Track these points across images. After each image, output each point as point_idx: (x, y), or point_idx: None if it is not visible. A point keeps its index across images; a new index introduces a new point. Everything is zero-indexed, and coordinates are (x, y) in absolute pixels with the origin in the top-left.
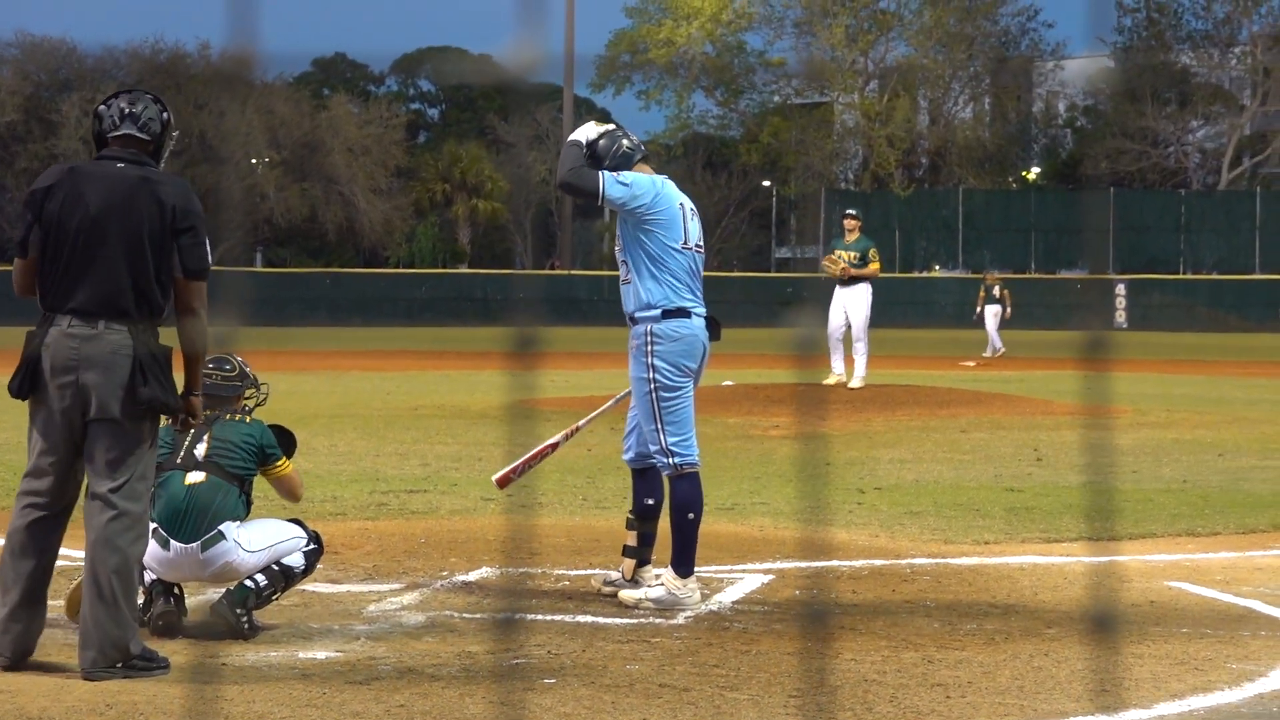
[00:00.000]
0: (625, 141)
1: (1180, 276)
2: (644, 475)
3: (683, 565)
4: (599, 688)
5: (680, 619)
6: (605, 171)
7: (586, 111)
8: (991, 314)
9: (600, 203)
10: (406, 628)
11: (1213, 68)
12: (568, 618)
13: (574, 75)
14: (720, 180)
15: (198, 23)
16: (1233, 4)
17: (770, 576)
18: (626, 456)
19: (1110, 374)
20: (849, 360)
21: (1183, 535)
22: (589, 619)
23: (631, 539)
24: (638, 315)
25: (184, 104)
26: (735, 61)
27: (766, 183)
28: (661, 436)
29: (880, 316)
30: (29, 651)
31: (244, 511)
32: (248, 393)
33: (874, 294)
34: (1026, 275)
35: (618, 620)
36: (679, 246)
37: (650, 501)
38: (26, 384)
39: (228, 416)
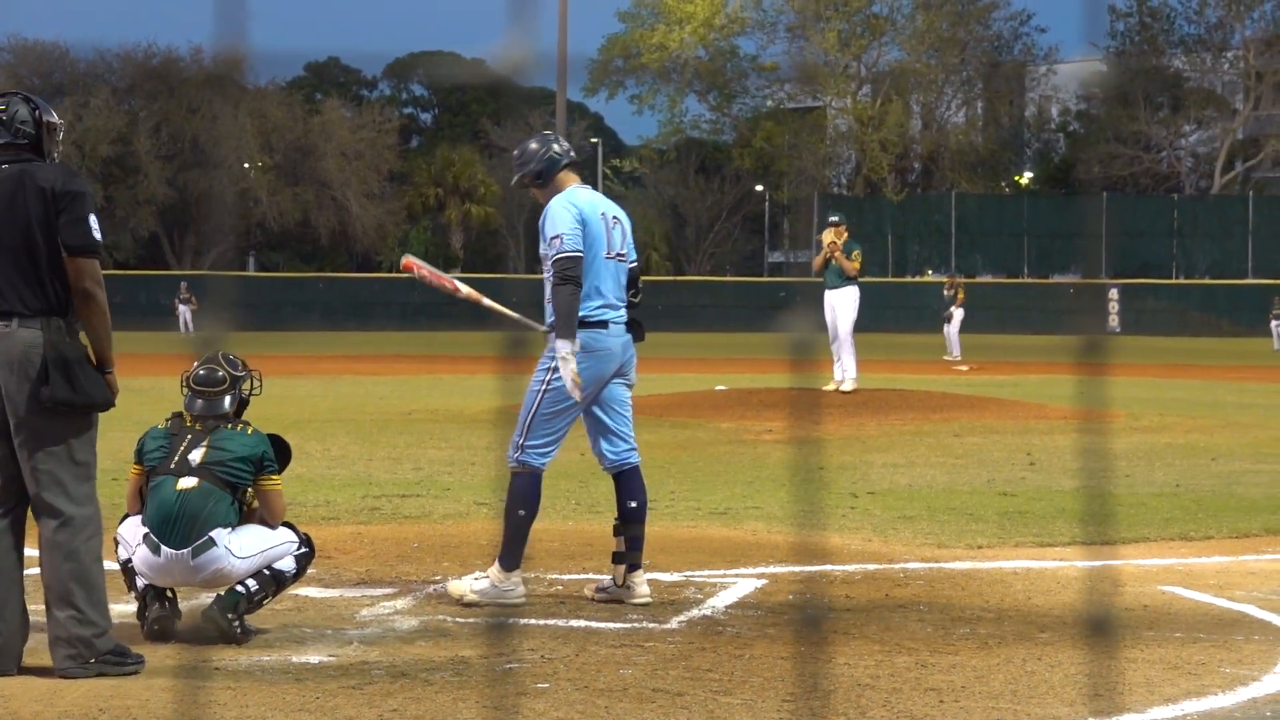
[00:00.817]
0: (556, 147)
1: (1173, 281)
2: (623, 478)
3: (508, 559)
4: (592, 692)
5: (673, 623)
6: (556, 264)
7: (580, 116)
8: (958, 316)
9: (577, 276)
10: (399, 632)
11: (1205, 72)
12: (561, 622)
13: (567, 79)
14: (713, 185)
15: (190, 26)
16: (1225, 8)
17: (764, 581)
18: (603, 465)
19: (1104, 378)
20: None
21: (1176, 539)
22: (582, 623)
23: (620, 545)
24: (554, 326)
25: (176, 108)
26: (728, 66)
27: (759, 187)
28: (523, 434)
29: (874, 321)
30: (13, 664)
31: (236, 519)
32: (243, 387)
33: (863, 298)
34: (1019, 280)
35: (611, 625)
36: (604, 256)
37: (634, 504)
38: None
39: (228, 426)
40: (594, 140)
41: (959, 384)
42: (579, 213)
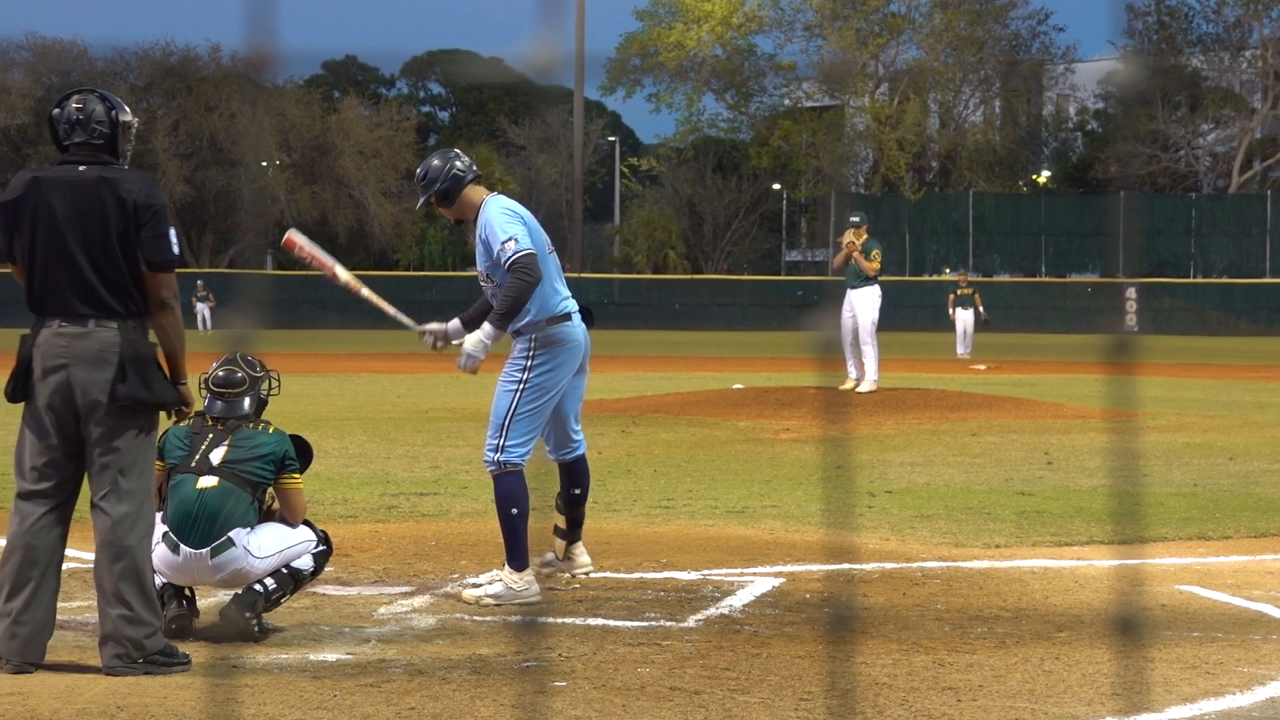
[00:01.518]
0: (459, 164)
1: (1191, 280)
2: (570, 467)
3: (516, 559)
4: (609, 690)
5: (691, 622)
6: (515, 263)
7: (597, 114)
8: (963, 317)
9: (537, 274)
10: (417, 630)
11: (1223, 71)
12: (578, 620)
13: (584, 78)
14: (730, 183)
15: (208, 25)
16: (1243, 8)
17: (781, 580)
18: (550, 456)
19: (1128, 377)
20: (859, 364)
21: (1193, 539)
22: (599, 622)
23: (561, 521)
24: (523, 327)
25: (194, 106)
26: (745, 65)
27: (777, 186)
28: (502, 433)
29: (891, 320)
30: (38, 656)
31: (255, 518)
32: (262, 388)
33: (883, 297)
34: (1037, 279)
35: (628, 623)
36: (546, 253)
37: (578, 491)
38: (20, 386)
39: (250, 425)
40: (611, 139)
41: (976, 383)
42: (520, 217)
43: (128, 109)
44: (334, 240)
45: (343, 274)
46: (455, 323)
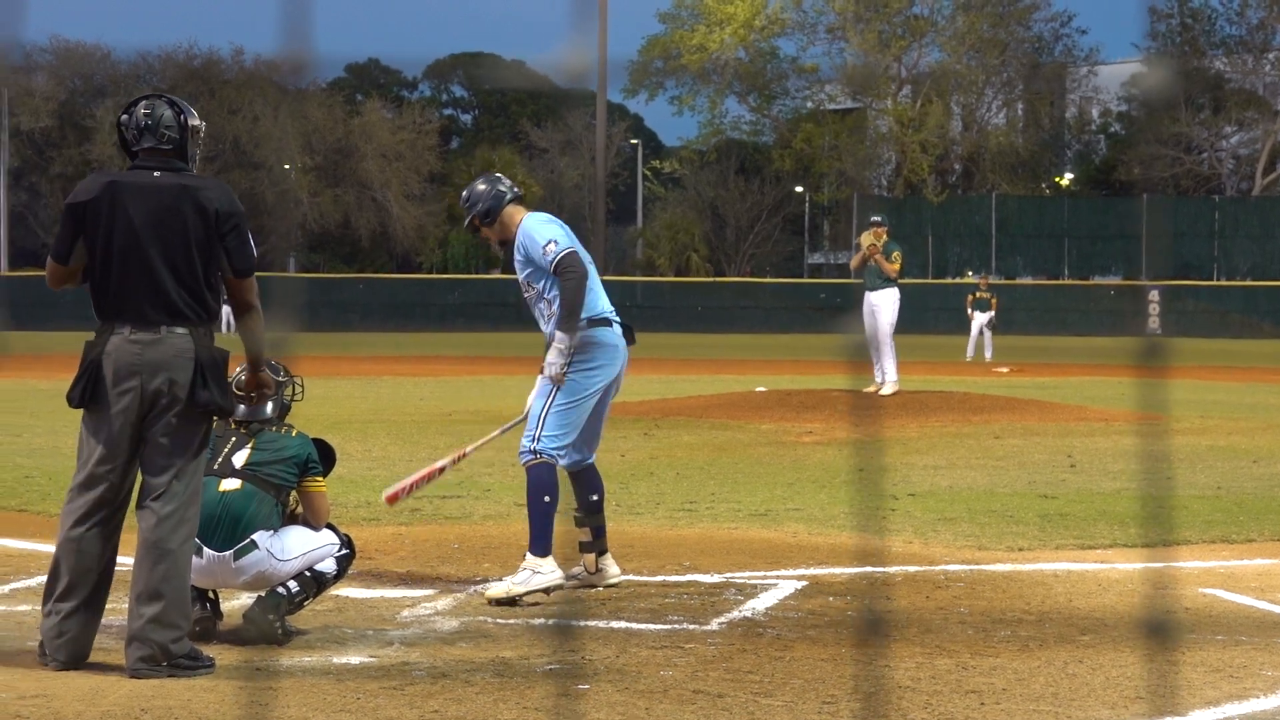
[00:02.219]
0: (500, 186)
1: (1214, 283)
2: (582, 475)
3: (539, 545)
4: (633, 693)
5: (714, 625)
6: (560, 263)
7: (620, 117)
8: (980, 320)
9: (582, 270)
10: (440, 633)
11: (1246, 74)
12: (601, 624)
13: (607, 81)
14: (753, 186)
15: (232, 28)
16: (1267, 10)
17: (804, 583)
18: (563, 462)
19: (1153, 380)
20: (881, 367)
21: (1217, 542)
22: (623, 624)
23: (585, 534)
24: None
25: (217, 109)
26: (768, 67)
27: (799, 189)
28: (539, 425)
29: (914, 323)
30: (83, 656)
31: (278, 521)
32: (285, 393)
33: (903, 300)
34: (1060, 281)
35: (651, 626)
36: (591, 263)
37: (595, 497)
38: (88, 392)
39: (272, 429)
40: (634, 141)
41: (999, 386)
42: (556, 221)
43: (195, 113)
44: (356, 243)
45: (445, 460)
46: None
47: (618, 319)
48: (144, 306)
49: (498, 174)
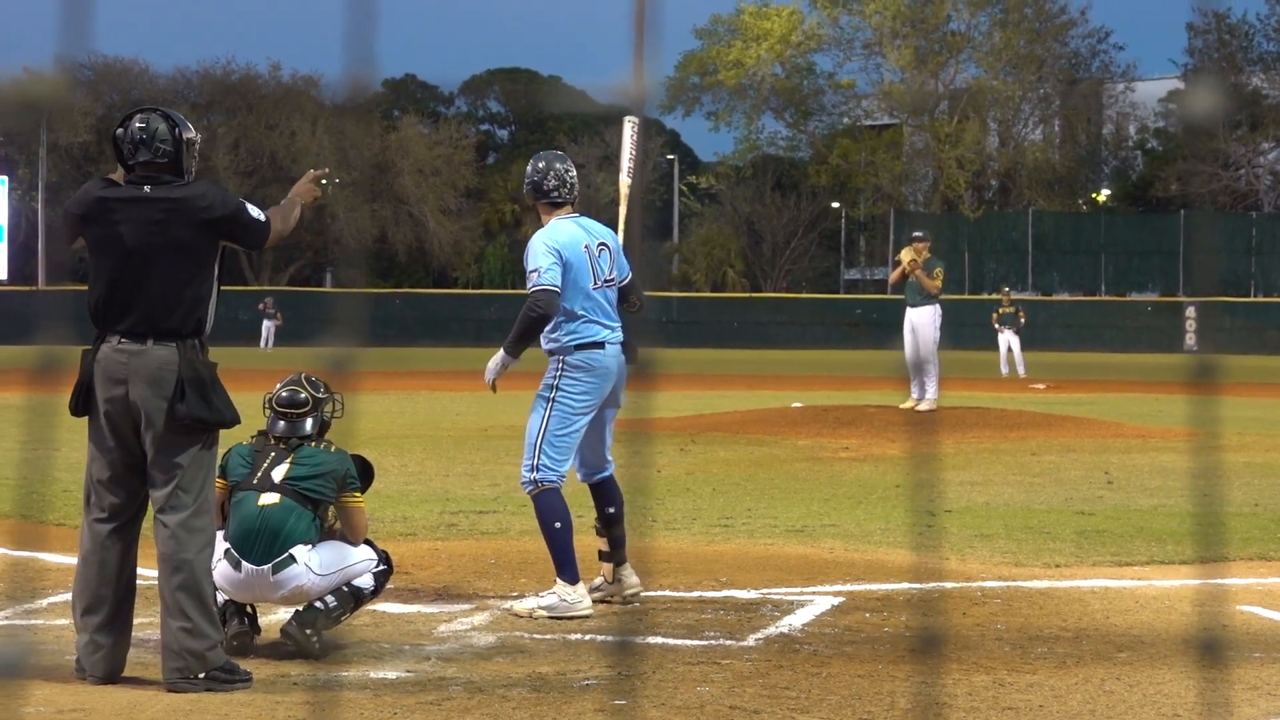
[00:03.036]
0: (549, 180)
1: (1251, 300)
2: (600, 488)
3: (566, 572)
4: (669, 709)
5: (751, 641)
6: (531, 295)
7: (656, 133)
8: (1007, 336)
9: (549, 309)
10: (477, 648)
11: None
12: (638, 639)
13: (644, 96)
14: (789, 202)
15: (269, 44)
16: None
17: (840, 599)
18: (580, 475)
19: (1197, 397)
20: (920, 382)
21: (1255, 559)
22: (659, 640)
23: (604, 544)
24: (553, 349)
25: (255, 124)
26: (804, 83)
27: (835, 204)
28: (535, 453)
29: (951, 339)
30: (119, 670)
31: (316, 535)
32: (325, 409)
33: (942, 316)
34: (1097, 298)
35: (688, 642)
36: (590, 289)
37: (612, 510)
38: (82, 401)
39: (311, 444)
40: (670, 157)
41: (1035, 402)
42: (558, 251)
43: (191, 126)
44: (393, 259)
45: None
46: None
47: (617, 340)
48: (132, 319)
49: (556, 164)
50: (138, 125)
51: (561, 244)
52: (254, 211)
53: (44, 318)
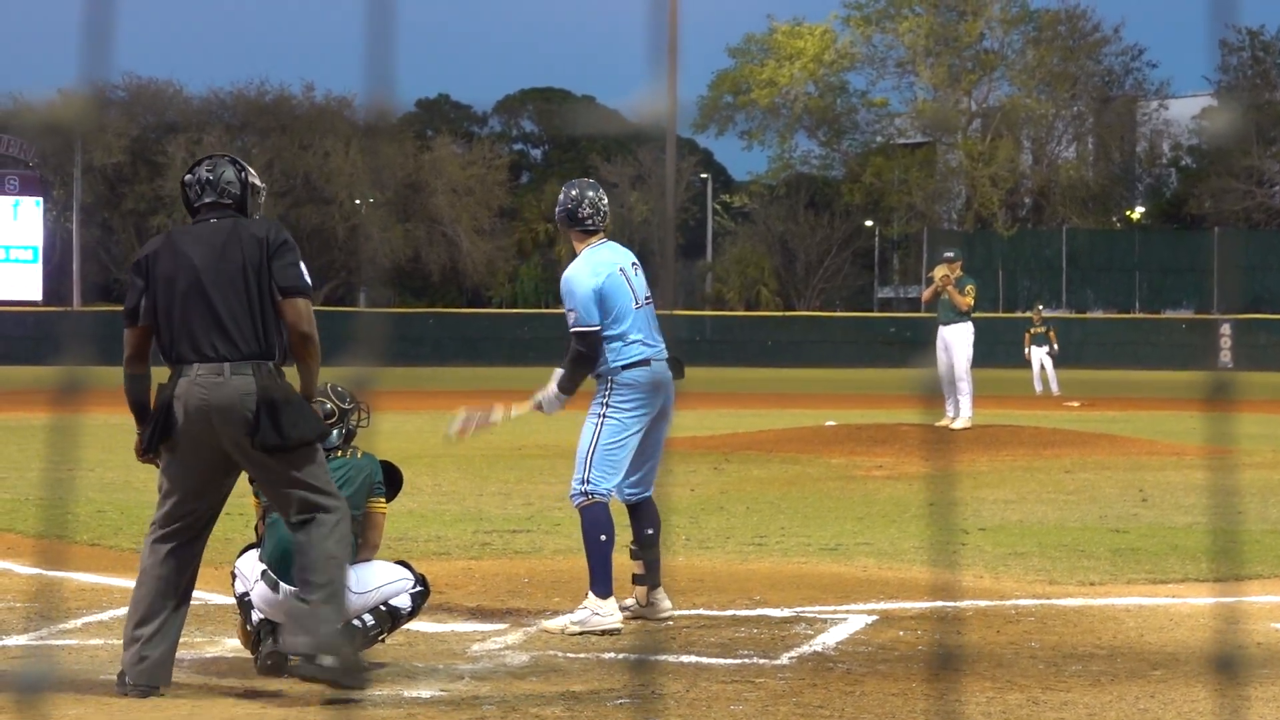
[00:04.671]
0: (583, 209)
1: None
2: (639, 509)
3: (599, 585)
4: None
5: (784, 659)
6: (574, 335)
7: (689, 152)
8: (1040, 354)
9: (593, 350)
10: (510, 667)
11: None
12: (671, 658)
13: (676, 116)
14: (823, 220)
15: (302, 64)
16: None
17: (874, 617)
18: (620, 495)
19: (1224, 414)
20: (955, 401)
21: None
22: (693, 659)
23: (638, 568)
24: (601, 372)
25: (289, 144)
26: (838, 102)
27: (869, 223)
28: (586, 469)
29: (985, 357)
30: (162, 682)
31: (351, 554)
32: (351, 419)
33: (976, 334)
34: (1131, 315)
35: (721, 660)
36: (632, 308)
37: (650, 531)
38: (157, 436)
39: (337, 453)
40: (703, 176)
41: (1070, 420)
42: (595, 283)
43: (257, 175)
44: (427, 278)
45: (498, 415)
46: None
47: (662, 356)
48: (206, 345)
49: (588, 193)
50: (206, 169)
51: (597, 276)
52: (304, 268)
53: (72, 338)
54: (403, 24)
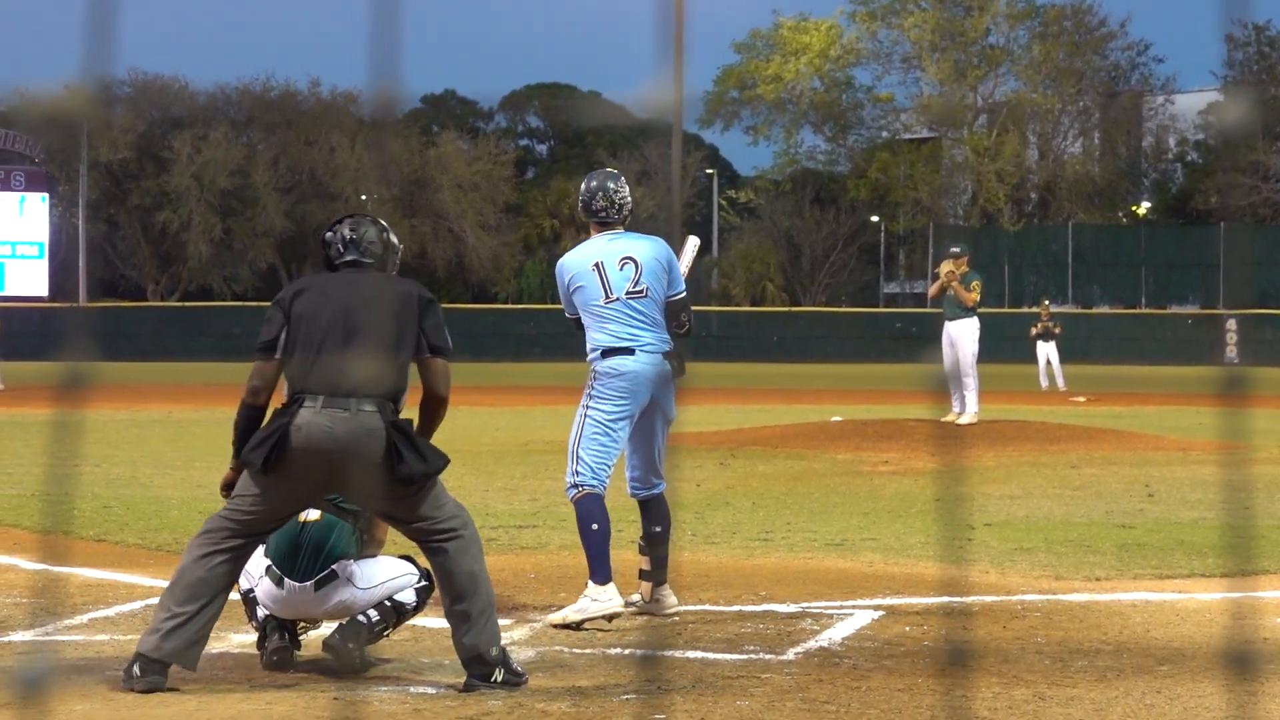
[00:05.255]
0: (598, 200)
1: None
2: (649, 505)
3: (597, 574)
4: None
5: (790, 655)
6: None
7: (695, 147)
8: (1045, 350)
9: (575, 329)
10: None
11: None
12: (677, 653)
13: (682, 111)
14: (828, 215)
15: (309, 60)
16: None
17: (880, 613)
18: (629, 490)
19: (1238, 410)
20: (960, 396)
21: None
22: (699, 654)
23: (645, 564)
24: (588, 359)
25: (295, 140)
26: (843, 97)
27: (875, 218)
28: (574, 461)
29: (990, 352)
30: (193, 664)
31: (356, 549)
32: None
33: (981, 329)
34: (1137, 310)
35: (727, 656)
36: (603, 303)
37: (658, 529)
38: (272, 458)
39: None
40: (709, 171)
41: (1076, 415)
42: (564, 278)
43: (395, 233)
44: (432, 274)
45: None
46: None
47: (651, 349)
48: (339, 380)
49: (608, 184)
50: (348, 228)
51: (569, 271)
52: (445, 330)
53: (75, 333)
54: (409, 20)
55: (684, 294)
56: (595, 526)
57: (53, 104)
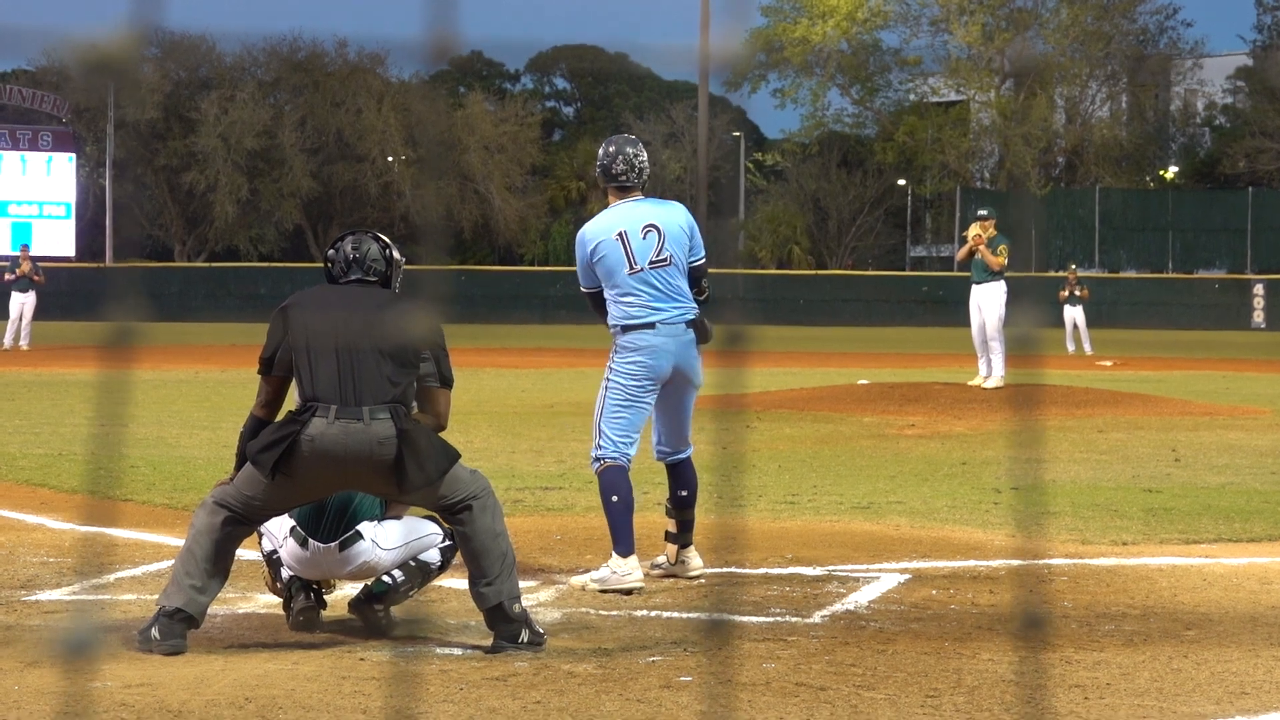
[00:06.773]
0: (618, 164)
1: None
2: (676, 469)
3: (620, 545)
4: (735, 686)
5: (816, 618)
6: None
7: (722, 110)
8: (1072, 314)
9: (594, 302)
10: (542, 624)
11: None
12: (703, 615)
13: (709, 73)
14: (855, 178)
15: (337, 18)
16: None
17: (907, 576)
18: (656, 455)
19: (1265, 374)
20: (988, 360)
21: None
22: (725, 616)
23: (672, 526)
24: (611, 333)
25: (321, 101)
26: (871, 60)
27: (902, 181)
28: (597, 434)
29: (1018, 316)
30: (197, 619)
31: (380, 510)
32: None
33: (1008, 293)
34: (1164, 275)
35: (754, 619)
36: (626, 274)
37: (684, 493)
38: (281, 464)
39: None
40: (736, 134)
41: (1102, 379)
42: (587, 250)
43: (397, 249)
44: (459, 235)
45: None
46: None
47: (675, 319)
48: (349, 390)
49: (625, 149)
50: (350, 246)
51: (593, 241)
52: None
53: (113, 294)
54: None
55: (704, 259)
56: (615, 499)
57: (90, 51)
